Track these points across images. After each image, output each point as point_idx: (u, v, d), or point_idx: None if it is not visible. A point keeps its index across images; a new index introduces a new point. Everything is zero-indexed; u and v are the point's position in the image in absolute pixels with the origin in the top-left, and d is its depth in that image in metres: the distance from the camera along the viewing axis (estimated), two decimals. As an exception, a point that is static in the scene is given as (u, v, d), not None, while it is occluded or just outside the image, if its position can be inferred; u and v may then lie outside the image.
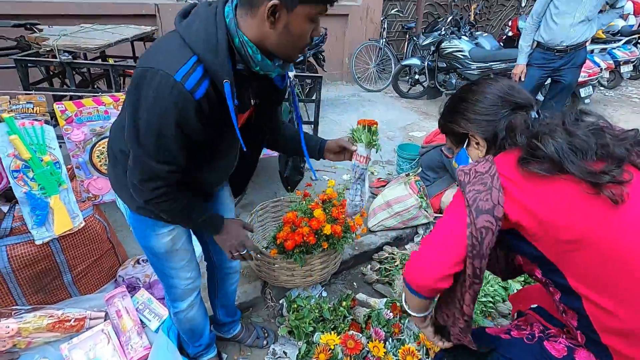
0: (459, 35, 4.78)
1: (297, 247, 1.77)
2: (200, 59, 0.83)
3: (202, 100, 0.85)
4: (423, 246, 0.95)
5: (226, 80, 0.84)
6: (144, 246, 1.21)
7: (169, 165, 0.92)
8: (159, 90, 0.81)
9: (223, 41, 0.84)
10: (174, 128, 0.86)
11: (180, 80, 0.81)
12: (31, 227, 1.48)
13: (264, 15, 0.82)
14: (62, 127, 1.61)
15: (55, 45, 1.99)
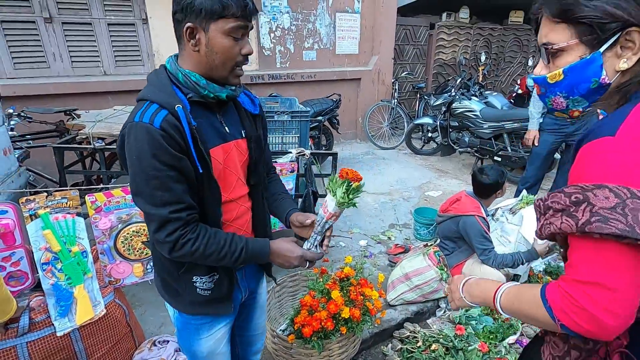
0: (468, 95, 4.93)
1: (315, 333, 1.72)
2: (152, 100, 0.93)
3: (165, 126, 0.88)
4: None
5: (177, 105, 0.91)
6: (187, 349, 1.21)
7: (170, 206, 0.91)
8: (131, 137, 0.91)
9: (165, 80, 0.96)
10: (154, 162, 0.88)
11: (138, 120, 0.90)
12: (54, 318, 1.51)
13: (187, 43, 0.93)
14: (91, 216, 1.69)
15: (90, 133, 2.16)
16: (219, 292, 1.09)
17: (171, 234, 0.92)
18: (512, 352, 1.95)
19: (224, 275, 1.08)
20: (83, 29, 4.12)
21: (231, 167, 1.06)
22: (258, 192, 1.18)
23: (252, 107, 1.13)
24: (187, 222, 0.95)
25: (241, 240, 1.01)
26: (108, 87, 4.17)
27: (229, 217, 1.08)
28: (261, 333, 1.47)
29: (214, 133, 1.01)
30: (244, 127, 1.10)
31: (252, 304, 1.35)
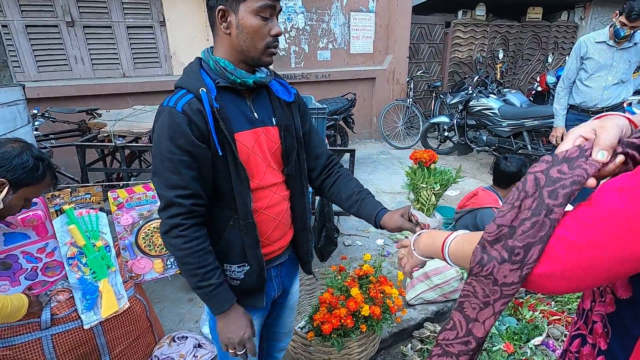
0: (486, 93, 4.83)
1: (335, 330, 1.70)
2: (180, 87, 0.98)
3: (187, 109, 0.92)
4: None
5: (202, 89, 0.94)
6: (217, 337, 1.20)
7: (177, 190, 0.93)
8: (157, 120, 0.97)
9: (195, 67, 1.01)
10: (170, 144, 0.91)
11: (166, 104, 0.96)
12: (81, 311, 1.53)
13: (220, 27, 0.96)
14: (114, 212, 1.71)
15: (111, 131, 2.19)
16: (248, 283, 1.08)
17: (171, 217, 0.94)
18: (538, 354, 1.89)
19: (254, 267, 1.07)
20: (103, 32, 4.22)
21: (260, 153, 1.05)
22: (297, 181, 1.15)
23: (287, 95, 1.11)
24: (190, 212, 0.95)
25: (217, 278, 0.99)
26: (127, 88, 4.25)
27: (261, 205, 1.07)
28: (288, 332, 1.46)
29: (241, 118, 1.01)
30: (275, 115, 1.09)
31: (284, 302, 1.34)
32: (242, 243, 1.04)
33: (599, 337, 0.68)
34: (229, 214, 1.03)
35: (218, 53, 1.00)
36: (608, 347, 0.65)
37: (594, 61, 2.74)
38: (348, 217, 3.12)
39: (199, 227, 0.98)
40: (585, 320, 0.74)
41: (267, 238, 1.11)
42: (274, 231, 1.12)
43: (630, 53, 2.71)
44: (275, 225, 1.12)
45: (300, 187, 1.16)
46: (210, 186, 1.00)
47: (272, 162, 1.08)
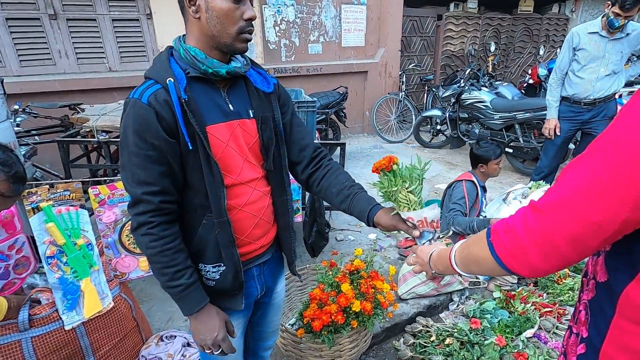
0: (478, 86, 4.81)
1: (325, 327, 1.67)
2: (149, 77, 0.93)
3: (152, 100, 0.87)
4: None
5: (169, 79, 0.89)
6: None
7: (145, 186, 0.89)
8: (124, 113, 0.92)
9: (164, 56, 0.95)
10: (136, 138, 0.87)
11: (131, 96, 0.91)
12: (62, 312, 1.48)
13: (189, 11, 0.91)
14: (95, 209, 1.66)
15: (94, 126, 2.13)
16: (224, 284, 1.03)
17: (139, 214, 0.91)
18: (530, 347, 1.88)
19: (230, 268, 1.02)
20: (88, 25, 4.10)
21: (236, 147, 0.99)
22: (278, 177, 1.10)
23: (266, 86, 1.05)
24: (159, 209, 0.91)
25: (188, 278, 0.95)
26: (114, 83, 4.15)
27: (239, 202, 1.02)
28: (274, 331, 1.42)
29: (215, 110, 0.96)
30: (252, 107, 1.03)
31: (269, 301, 1.29)
32: (217, 242, 0.99)
33: (582, 325, 0.68)
34: (203, 212, 0.98)
35: (189, 41, 0.95)
36: (588, 334, 0.66)
37: (586, 52, 2.72)
38: (340, 212, 3.09)
39: (169, 224, 0.94)
40: (574, 314, 0.74)
41: (247, 236, 1.06)
42: (255, 229, 1.07)
43: (622, 44, 2.70)
44: (255, 223, 1.06)
45: (281, 183, 1.11)
46: (181, 182, 0.96)
47: (250, 156, 1.03)
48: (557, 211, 0.57)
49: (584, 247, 0.56)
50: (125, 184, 0.92)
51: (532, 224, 0.59)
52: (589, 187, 0.54)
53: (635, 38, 2.71)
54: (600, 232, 0.54)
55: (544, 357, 1.79)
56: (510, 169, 4.66)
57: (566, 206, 0.56)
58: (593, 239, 0.55)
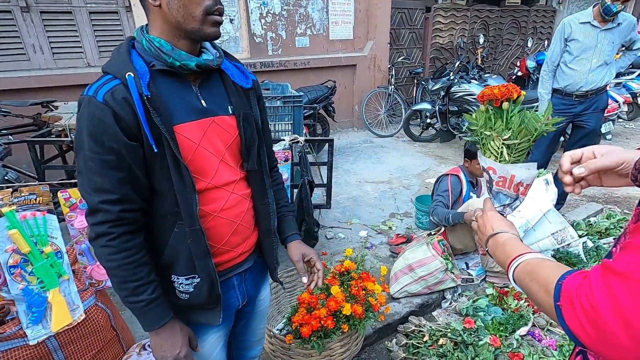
0: (467, 79, 4.77)
1: (315, 332, 1.60)
2: (107, 72, 0.83)
3: (109, 98, 0.78)
4: None
5: (128, 74, 0.79)
6: None
7: (102, 194, 0.81)
8: (78, 112, 0.82)
9: (124, 48, 0.86)
10: (90, 142, 0.79)
11: (85, 93, 0.81)
12: (26, 326, 1.37)
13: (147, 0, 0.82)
14: (66, 214, 1.54)
15: (67, 125, 2.00)
16: (198, 297, 0.94)
17: (97, 224, 0.82)
18: (524, 345, 1.84)
19: (204, 280, 0.93)
20: (63, 18, 3.91)
21: (210, 148, 0.90)
22: (258, 179, 1.02)
23: (244, 81, 0.97)
24: (119, 219, 0.82)
25: (150, 294, 0.86)
26: (92, 79, 3.83)
27: (214, 208, 0.93)
28: (259, 340, 1.34)
29: (184, 107, 0.87)
30: (231, 103, 0.95)
31: (251, 311, 1.21)
32: (190, 252, 0.90)
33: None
34: (173, 219, 0.89)
35: (153, 32, 0.86)
36: None
37: (578, 42, 2.67)
38: (329, 210, 3.01)
39: (131, 235, 0.85)
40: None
41: (225, 244, 0.97)
42: (233, 236, 0.98)
43: (613, 34, 2.66)
44: (234, 230, 0.98)
45: (262, 185, 1.03)
46: (145, 189, 0.86)
47: (226, 157, 0.94)
48: None
49: None
50: (82, 190, 0.83)
51: (624, 300, 0.43)
52: None
53: (626, 28, 2.67)
54: None
55: (539, 356, 1.75)
56: (501, 162, 4.64)
57: None
58: None
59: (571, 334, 0.50)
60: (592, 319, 0.46)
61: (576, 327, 0.49)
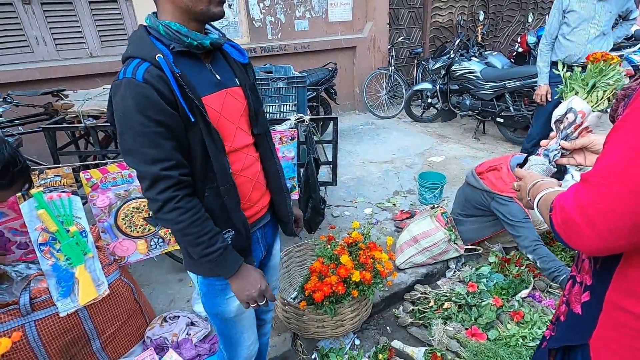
0: (468, 57, 4.76)
1: (327, 298, 1.70)
2: (132, 56, 0.91)
3: (148, 77, 0.86)
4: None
5: (158, 55, 0.87)
6: (214, 313, 1.19)
7: (160, 163, 0.89)
8: (117, 96, 0.88)
9: (142, 34, 0.93)
10: (140, 117, 0.86)
11: (122, 76, 0.88)
12: (56, 299, 1.48)
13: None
14: (88, 194, 1.63)
15: (80, 111, 2.07)
16: (236, 248, 1.06)
17: (162, 191, 0.90)
18: (525, 306, 1.94)
19: (240, 230, 1.06)
20: (64, 9, 3.93)
21: (228, 116, 1.03)
22: (264, 142, 1.15)
23: (241, 57, 1.10)
24: (180, 182, 0.92)
25: (222, 242, 0.98)
26: (96, 69, 4.02)
27: (237, 168, 1.06)
28: (273, 290, 1.46)
29: (205, 81, 0.98)
30: (236, 76, 1.07)
31: (268, 262, 1.35)
32: (225, 208, 1.02)
33: (586, 273, 0.69)
34: (204, 183, 1.00)
35: (164, 17, 0.94)
36: (592, 282, 0.67)
37: (576, 14, 2.69)
38: (335, 187, 3.09)
39: (191, 196, 0.95)
40: (577, 263, 0.74)
41: (248, 200, 1.11)
42: (253, 192, 1.12)
43: (610, 4, 2.67)
44: (253, 186, 1.12)
45: (268, 148, 1.17)
46: (187, 155, 0.96)
47: (241, 123, 1.07)
48: (608, 180, 0.53)
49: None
50: (137, 167, 0.90)
51: (583, 199, 0.56)
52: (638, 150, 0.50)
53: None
54: None
55: (539, 315, 1.85)
56: (502, 138, 4.68)
57: (619, 175, 0.52)
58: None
59: (556, 234, 0.63)
60: (563, 217, 0.60)
61: (557, 226, 0.62)
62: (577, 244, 0.58)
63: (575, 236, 0.58)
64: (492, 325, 1.83)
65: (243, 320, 1.20)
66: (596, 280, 0.66)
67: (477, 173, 2.33)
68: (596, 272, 0.66)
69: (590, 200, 0.55)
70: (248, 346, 1.25)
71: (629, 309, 0.60)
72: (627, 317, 0.61)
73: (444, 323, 1.90)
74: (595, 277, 0.67)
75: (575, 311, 0.71)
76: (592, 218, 0.55)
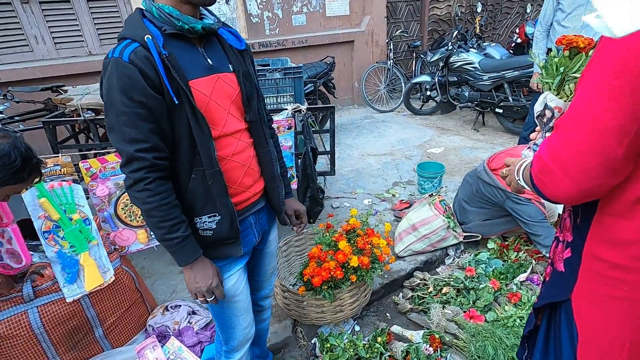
0: (466, 48, 4.76)
1: (325, 283, 1.72)
2: (124, 37, 0.93)
3: (133, 57, 0.88)
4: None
5: (147, 36, 0.89)
6: None
7: (137, 144, 0.90)
8: (105, 74, 0.91)
9: (136, 16, 0.96)
10: (122, 97, 0.88)
11: (110, 56, 0.91)
12: (62, 285, 1.50)
13: None
14: (88, 183, 1.66)
15: (79, 105, 2.09)
16: (221, 232, 1.07)
17: (134, 171, 0.93)
18: (523, 289, 1.95)
19: (225, 216, 1.06)
20: (62, 7, 3.96)
21: (218, 100, 1.03)
22: (259, 129, 1.16)
23: (238, 43, 1.11)
24: (153, 165, 0.94)
25: (184, 232, 0.98)
26: (95, 66, 4.05)
27: (227, 152, 1.06)
28: (269, 278, 1.47)
29: (195, 65, 0.99)
30: (230, 62, 1.08)
31: (263, 249, 1.36)
32: (210, 193, 1.03)
33: (567, 231, 0.71)
34: (190, 167, 1.01)
35: (159, 0, 0.96)
36: (572, 238, 0.68)
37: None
38: (334, 179, 3.11)
39: (164, 180, 0.97)
40: (560, 224, 0.76)
41: (239, 185, 1.11)
42: (245, 178, 1.12)
43: (606, -11, 2.66)
44: (244, 172, 1.12)
45: (262, 134, 1.17)
46: (169, 139, 0.97)
47: (232, 109, 1.07)
48: (575, 122, 0.55)
49: (610, 158, 0.53)
50: (116, 144, 0.93)
51: (555, 143, 0.58)
52: (601, 95, 0.53)
53: None
54: (623, 136, 0.52)
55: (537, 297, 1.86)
56: (501, 129, 4.68)
57: (583, 116, 0.54)
58: (618, 145, 0.52)
59: (535, 188, 0.65)
60: (540, 165, 0.62)
61: (535, 178, 0.64)
62: (554, 192, 0.60)
63: (550, 183, 0.60)
64: (490, 308, 1.85)
65: (237, 303, 1.20)
66: (576, 235, 0.68)
67: (491, 169, 2.25)
68: (576, 227, 0.68)
69: (561, 144, 0.58)
70: (244, 328, 1.25)
71: (603, 258, 0.62)
72: (602, 266, 0.62)
73: (443, 307, 1.91)
74: (575, 231, 0.69)
75: (559, 269, 0.73)
76: (564, 162, 0.57)
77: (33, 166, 1.22)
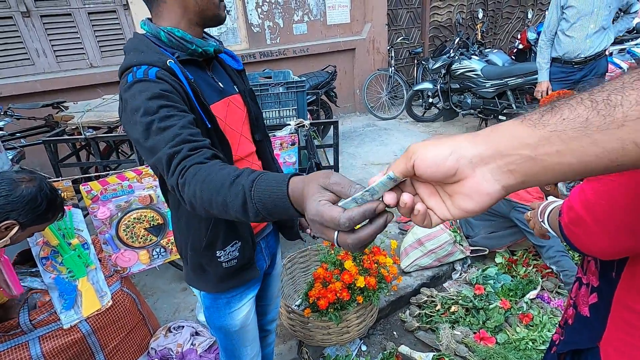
0: (468, 55, 4.73)
1: (331, 304, 1.68)
2: (138, 64, 0.82)
3: (164, 77, 0.80)
4: None
5: (169, 60, 0.83)
6: (218, 327, 1.16)
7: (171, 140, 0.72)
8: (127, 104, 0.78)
9: (145, 41, 0.88)
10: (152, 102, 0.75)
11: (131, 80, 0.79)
12: (59, 311, 1.47)
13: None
14: (89, 206, 1.63)
15: (80, 123, 2.07)
16: (244, 258, 1.04)
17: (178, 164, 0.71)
18: (534, 307, 1.90)
19: (247, 240, 1.03)
20: (63, 20, 3.96)
21: (232, 124, 1.01)
22: (265, 148, 1.14)
23: (236, 64, 1.08)
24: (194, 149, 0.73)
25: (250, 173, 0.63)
26: (97, 79, 4.05)
27: None
28: (274, 301, 1.44)
29: (210, 90, 0.96)
30: (234, 83, 1.06)
31: (271, 272, 1.34)
32: (232, 221, 0.95)
33: (592, 275, 0.67)
34: None
35: (164, 23, 0.90)
36: (599, 284, 0.65)
37: (574, 9, 2.66)
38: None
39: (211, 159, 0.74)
40: (582, 264, 0.72)
41: None
42: None
43: (610, -2, 2.64)
44: None
45: (268, 154, 1.16)
46: None
47: (244, 130, 1.05)
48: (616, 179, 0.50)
49: None
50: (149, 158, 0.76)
51: (589, 194, 0.54)
52: None
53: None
54: None
55: (548, 316, 1.81)
56: (505, 136, 4.64)
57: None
58: None
59: (565, 237, 0.61)
60: (571, 216, 0.59)
61: (565, 228, 0.61)
62: (588, 246, 0.56)
63: (583, 235, 0.57)
64: (501, 329, 1.80)
65: (246, 333, 1.17)
66: (603, 282, 0.64)
67: None
68: (604, 274, 0.64)
69: (595, 195, 0.54)
70: (251, 358, 1.23)
71: (637, 309, 0.58)
72: (634, 316, 0.58)
73: (452, 327, 1.87)
74: (602, 278, 0.65)
75: (583, 314, 0.69)
76: (598, 214, 0.53)
77: (57, 206, 1.24)
